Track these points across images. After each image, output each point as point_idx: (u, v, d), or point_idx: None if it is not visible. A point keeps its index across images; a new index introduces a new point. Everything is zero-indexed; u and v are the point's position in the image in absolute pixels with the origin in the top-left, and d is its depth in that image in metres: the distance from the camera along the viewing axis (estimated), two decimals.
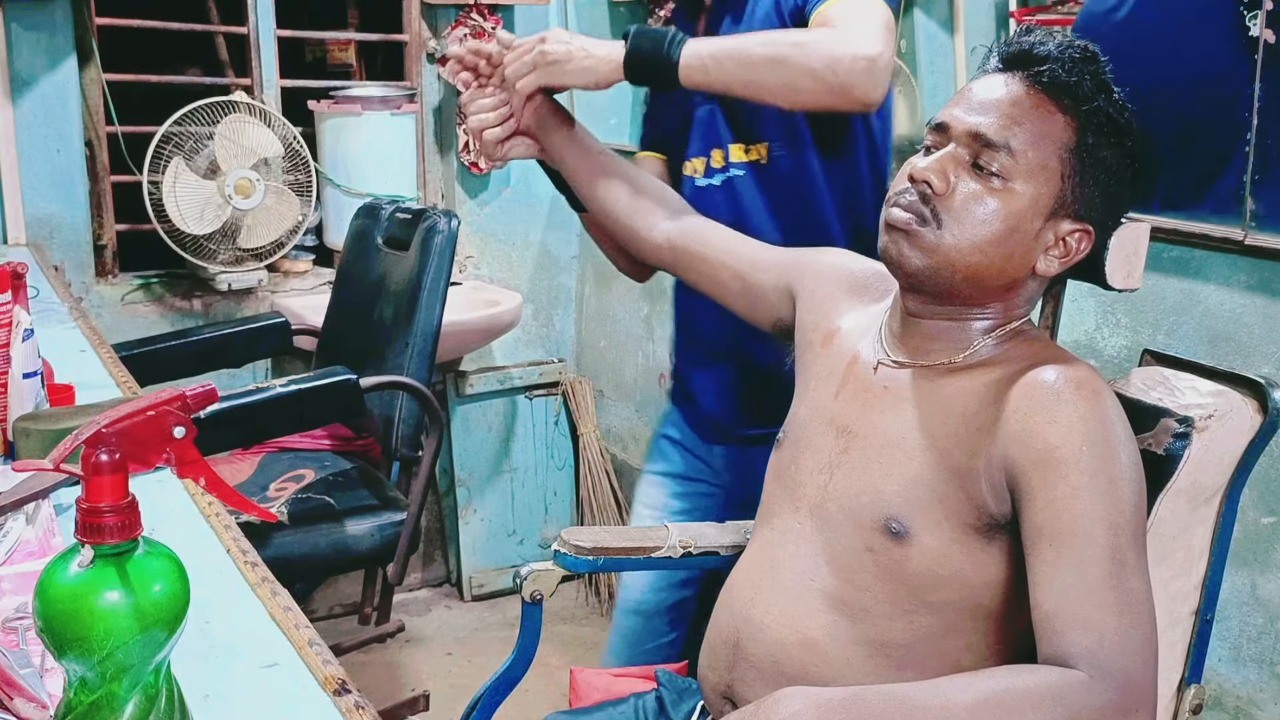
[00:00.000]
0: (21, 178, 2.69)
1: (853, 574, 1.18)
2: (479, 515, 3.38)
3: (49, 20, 2.68)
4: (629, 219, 1.51)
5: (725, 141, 1.65)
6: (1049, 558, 1.04)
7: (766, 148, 1.63)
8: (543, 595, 1.45)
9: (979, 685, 0.99)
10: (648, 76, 1.46)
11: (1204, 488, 1.18)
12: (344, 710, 0.87)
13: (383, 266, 2.49)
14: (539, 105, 1.51)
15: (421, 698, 2.51)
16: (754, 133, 1.63)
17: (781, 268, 1.42)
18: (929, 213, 1.16)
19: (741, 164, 1.64)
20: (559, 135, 1.52)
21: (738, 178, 1.64)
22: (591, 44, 1.47)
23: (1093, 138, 1.15)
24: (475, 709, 1.48)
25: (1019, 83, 1.16)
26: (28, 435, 1.33)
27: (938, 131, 1.19)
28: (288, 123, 2.87)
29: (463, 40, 3.02)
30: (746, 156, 1.64)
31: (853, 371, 1.27)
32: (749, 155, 1.64)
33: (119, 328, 2.78)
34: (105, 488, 0.69)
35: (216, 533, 1.18)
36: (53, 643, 0.69)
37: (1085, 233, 1.17)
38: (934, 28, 2.42)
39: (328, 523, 2.19)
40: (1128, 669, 0.98)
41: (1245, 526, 1.69)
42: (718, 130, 1.65)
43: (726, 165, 1.65)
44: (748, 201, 1.64)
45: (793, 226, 1.62)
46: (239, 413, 1.96)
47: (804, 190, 1.63)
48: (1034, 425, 1.08)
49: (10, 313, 1.37)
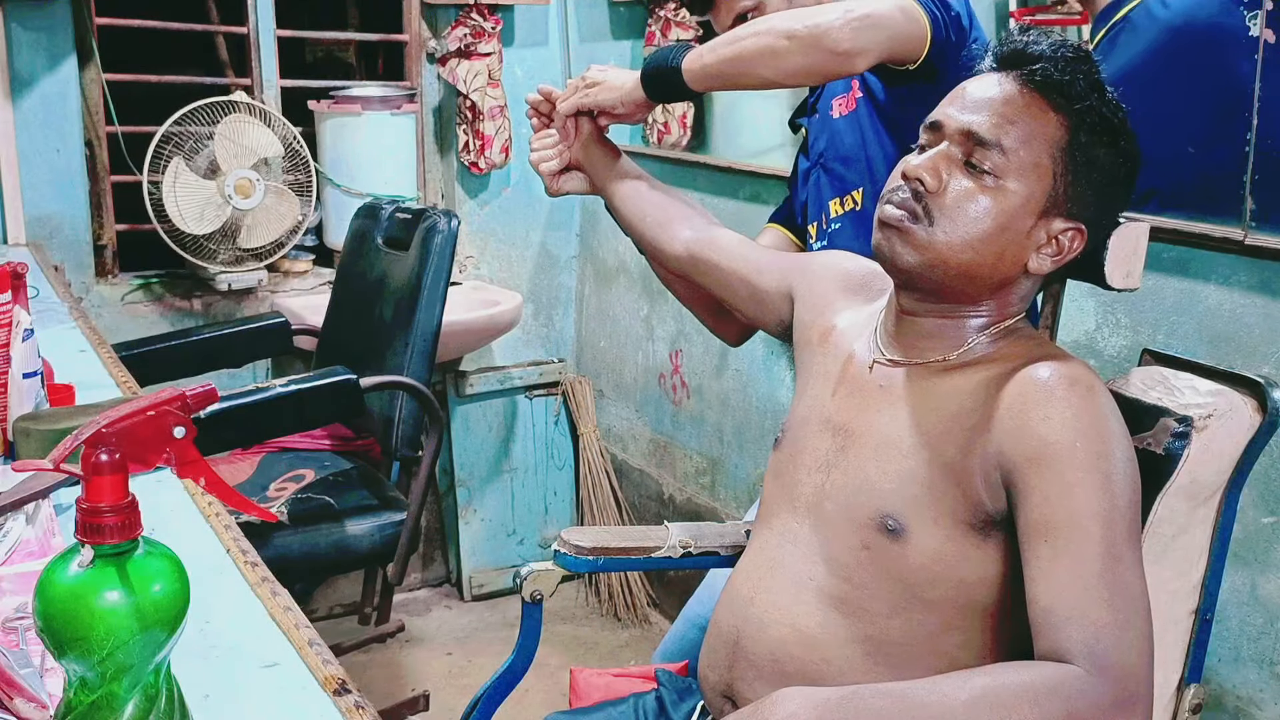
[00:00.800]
0: (21, 177, 2.69)
1: (850, 572, 1.18)
2: (479, 515, 3.38)
3: (49, 20, 2.68)
4: (654, 233, 1.58)
5: (826, 199, 1.71)
6: (1044, 553, 1.04)
7: (860, 193, 1.68)
8: (543, 595, 1.45)
9: (976, 682, 0.99)
10: (662, 88, 1.54)
11: (1203, 487, 1.18)
12: (344, 710, 0.87)
13: (383, 266, 2.49)
14: (586, 139, 1.63)
15: (421, 698, 2.51)
16: (846, 183, 1.69)
17: (782, 270, 1.45)
18: (921, 210, 1.16)
19: (839, 217, 1.70)
20: (603, 165, 1.64)
21: (836, 231, 1.70)
22: (622, 71, 1.61)
23: (1085, 137, 1.16)
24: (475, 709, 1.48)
25: (1012, 82, 1.17)
26: (28, 435, 1.34)
27: (931, 130, 1.20)
28: (288, 123, 2.87)
29: (463, 39, 3.02)
30: (843, 209, 1.70)
31: (848, 371, 1.28)
32: (845, 207, 1.70)
33: (119, 328, 2.78)
34: (105, 488, 0.69)
35: (216, 533, 1.18)
36: (53, 643, 0.69)
37: (1078, 231, 1.18)
38: None
39: (328, 523, 2.19)
40: (1124, 663, 0.98)
41: (1245, 526, 1.69)
42: (821, 191, 1.72)
43: (828, 222, 1.71)
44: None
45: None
46: (239, 413, 1.97)
47: None
48: (1028, 422, 1.09)
49: (10, 313, 1.37)
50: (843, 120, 1.70)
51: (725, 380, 2.92)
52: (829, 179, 1.71)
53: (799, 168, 1.78)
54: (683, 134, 3.15)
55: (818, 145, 1.72)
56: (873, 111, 1.65)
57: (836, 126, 1.70)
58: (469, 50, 3.04)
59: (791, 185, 1.85)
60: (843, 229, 1.70)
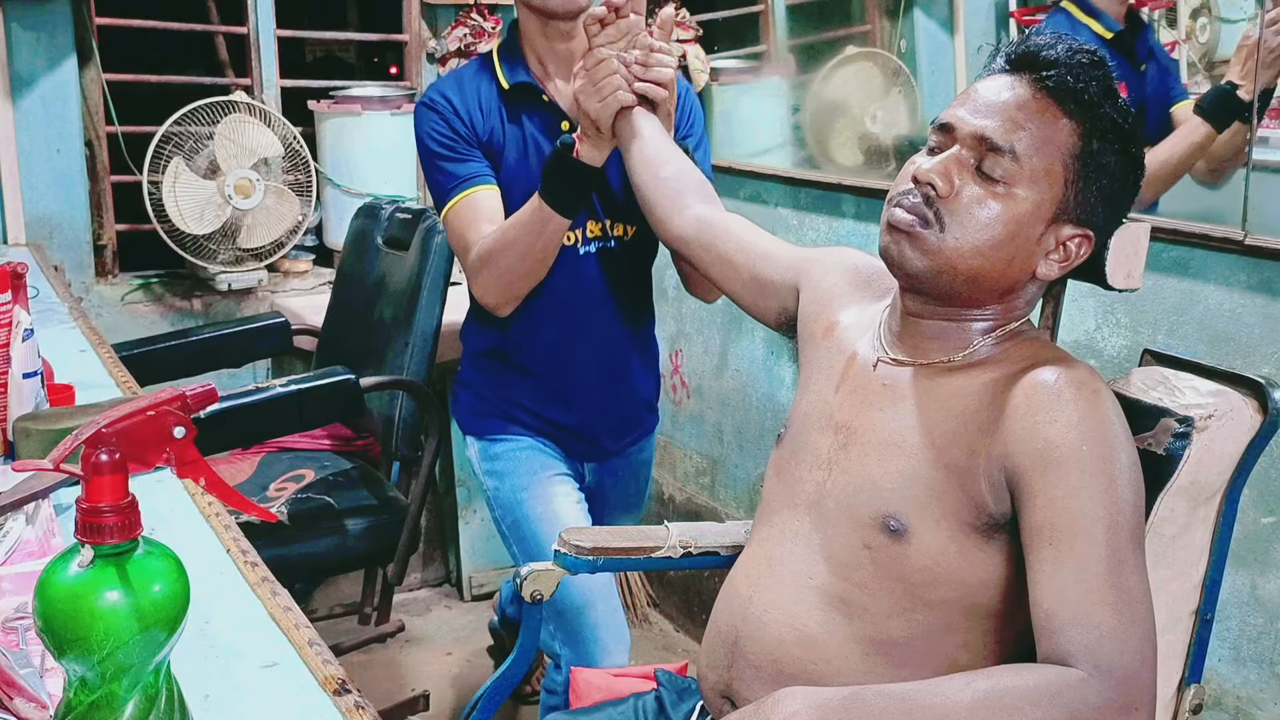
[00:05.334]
0: (21, 178, 2.69)
1: (851, 571, 1.18)
2: (479, 515, 3.38)
3: (49, 20, 2.68)
4: (667, 194, 1.55)
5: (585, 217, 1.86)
6: (1048, 556, 1.04)
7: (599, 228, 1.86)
8: (543, 595, 1.45)
9: (978, 684, 0.99)
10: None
11: (1204, 487, 1.18)
12: (344, 710, 0.87)
13: (383, 266, 2.49)
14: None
15: (421, 698, 2.51)
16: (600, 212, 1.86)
17: (791, 261, 1.44)
18: (932, 215, 1.15)
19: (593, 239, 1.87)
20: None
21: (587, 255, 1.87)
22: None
23: (1097, 143, 1.15)
24: (475, 709, 1.48)
25: (1025, 85, 1.16)
26: (28, 435, 1.33)
27: (942, 132, 1.19)
28: (288, 123, 2.87)
29: (463, 39, 3.02)
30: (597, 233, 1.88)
31: (851, 368, 1.27)
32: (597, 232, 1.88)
33: (119, 328, 2.78)
34: (105, 488, 0.69)
35: (216, 532, 1.18)
36: (53, 643, 0.69)
37: (1085, 238, 1.17)
38: (934, 28, 2.42)
39: (328, 523, 2.19)
40: (1127, 667, 0.98)
41: (1245, 526, 1.69)
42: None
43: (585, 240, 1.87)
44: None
45: None
46: (239, 413, 1.96)
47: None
48: (1034, 424, 1.08)
49: (10, 313, 1.37)
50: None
51: (725, 380, 2.92)
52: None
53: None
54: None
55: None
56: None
57: (614, 165, 1.75)
58: (469, 50, 3.04)
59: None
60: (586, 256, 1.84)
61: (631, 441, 2.02)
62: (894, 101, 2.49)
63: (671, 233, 1.55)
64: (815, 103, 2.70)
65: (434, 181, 1.83)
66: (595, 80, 1.59)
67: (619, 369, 1.94)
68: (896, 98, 2.49)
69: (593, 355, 1.90)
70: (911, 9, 2.43)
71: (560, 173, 1.66)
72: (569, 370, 1.90)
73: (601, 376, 1.92)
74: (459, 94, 1.83)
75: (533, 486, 1.88)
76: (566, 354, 1.89)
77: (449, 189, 1.80)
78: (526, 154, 1.82)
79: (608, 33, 1.62)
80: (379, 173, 3.00)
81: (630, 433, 2.01)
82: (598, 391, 1.92)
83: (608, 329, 1.90)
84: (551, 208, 1.68)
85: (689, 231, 1.52)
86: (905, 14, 2.45)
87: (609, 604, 1.84)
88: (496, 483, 1.93)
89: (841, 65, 2.59)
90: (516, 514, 1.89)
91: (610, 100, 1.59)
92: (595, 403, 1.92)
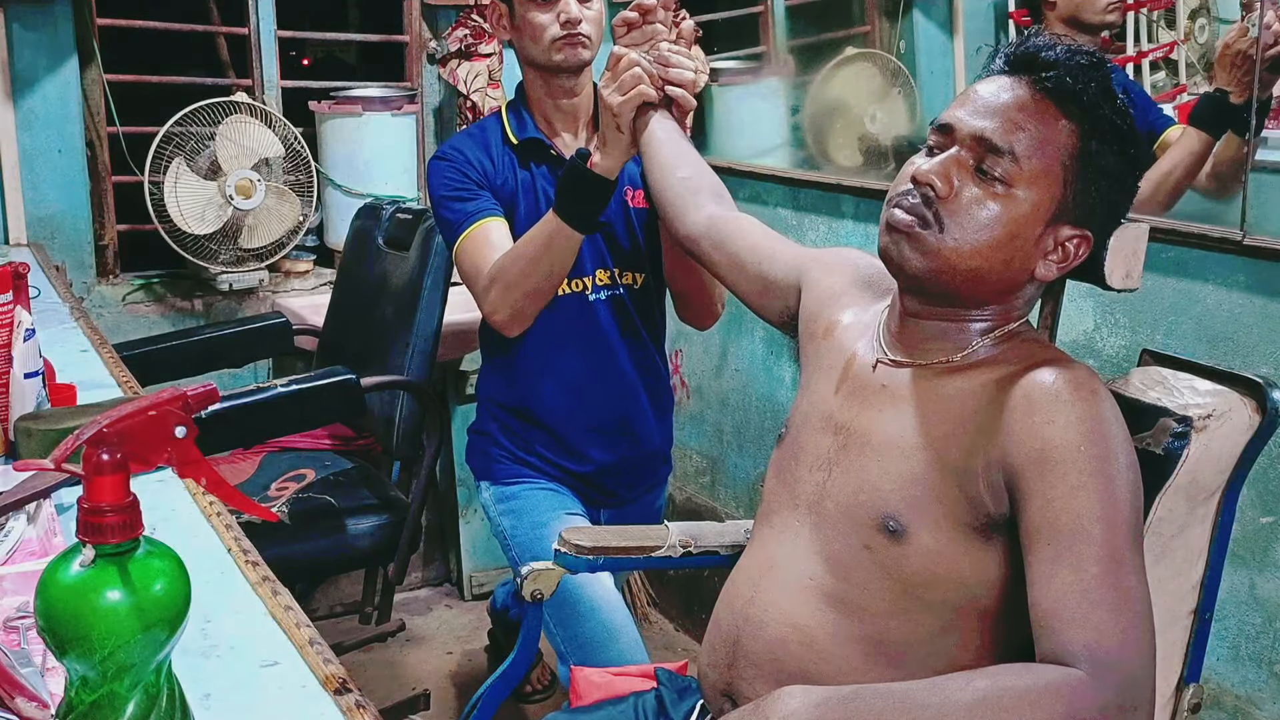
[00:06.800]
0: (23, 178, 2.69)
1: (850, 572, 1.18)
2: (479, 515, 3.38)
3: (50, 21, 2.68)
4: (682, 193, 1.57)
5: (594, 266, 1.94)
6: (1047, 556, 1.04)
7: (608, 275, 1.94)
8: (543, 595, 1.45)
9: (978, 684, 0.99)
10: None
11: (1202, 487, 1.18)
12: (344, 709, 0.87)
13: (383, 266, 2.49)
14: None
15: (422, 697, 2.51)
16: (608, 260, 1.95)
17: (793, 260, 1.45)
18: (931, 216, 1.16)
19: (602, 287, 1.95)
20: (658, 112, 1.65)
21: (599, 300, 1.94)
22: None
23: (1096, 145, 1.15)
24: (475, 709, 1.48)
25: (1024, 87, 1.16)
26: (29, 435, 1.34)
27: (941, 132, 1.19)
28: (289, 123, 2.87)
29: (463, 40, 3.02)
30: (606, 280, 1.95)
31: (851, 369, 1.27)
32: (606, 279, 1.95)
33: (120, 328, 2.79)
34: (106, 487, 0.69)
35: (217, 532, 1.18)
36: (54, 642, 0.69)
37: (1084, 238, 1.18)
38: (934, 28, 2.42)
39: (328, 522, 2.19)
40: (1126, 666, 0.98)
41: (1244, 526, 1.69)
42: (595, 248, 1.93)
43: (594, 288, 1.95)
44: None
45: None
46: (240, 412, 1.97)
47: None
48: (1033, 425, 1.09)
49: (12, 313, 1.37)
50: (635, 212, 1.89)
51: (725, 380, 2.92)
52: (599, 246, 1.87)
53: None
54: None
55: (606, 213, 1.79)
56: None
57: (620, 214, 1.85)
58: (469, 51, 3.04)
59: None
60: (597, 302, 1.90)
61: (646, 490, 2.06)
62: (893, 102, 2.49)
63: (683, 230, 1.56)
64: (815, 103, 2.70)
65: (444, 221, 1.88)
66: (618, 75, 1.63)
67: (633, 419, 1.97)
68: (896, 98, 2.49)
69: (607, 405, 1.93)
70: (911, 10, 2.43)
71: (574, 184, 1.69)
72: (583, 421, 1.93)
73: (616, 428, 1.95)
74: (471, 148, 1.89)
75: (552, 523, 1.86)
76: (580, 403, 1.92)
77: (459, 224, 1.84)
78: (538, 204, 1.87)
79: (632, 36, 1.67)
80: (379, 173, 3.00)
81: (644, 482, 2.05)
82: (612, 443, 1.95)
83: (620, 378, 1.94)
84: (562, 219, 1.70)
85: (700, 230, 1.53)
86: (904, 15, 2.45)
87: (625, 623, 1.85)
88: (513, 521, 1.93)
89: (841, 66, 2.60)
90: (536, 551, 1.83)
91: (632, 95, 1.62)
92: (610, 455, 1.96)
